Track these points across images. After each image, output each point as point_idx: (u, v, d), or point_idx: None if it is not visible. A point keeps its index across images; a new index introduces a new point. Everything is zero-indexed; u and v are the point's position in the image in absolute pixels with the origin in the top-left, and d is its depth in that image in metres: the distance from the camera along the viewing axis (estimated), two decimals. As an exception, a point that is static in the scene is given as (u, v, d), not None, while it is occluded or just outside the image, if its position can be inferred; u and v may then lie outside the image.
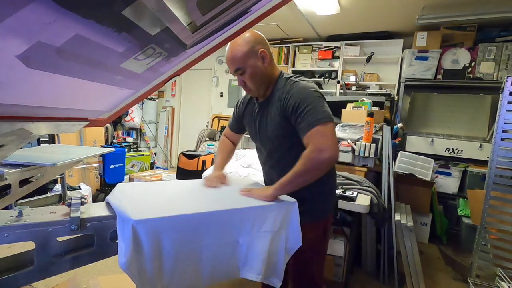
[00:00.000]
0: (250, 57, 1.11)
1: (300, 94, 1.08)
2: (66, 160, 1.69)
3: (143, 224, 0.79)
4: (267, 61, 1.15)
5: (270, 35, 4.52)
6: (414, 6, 3.09)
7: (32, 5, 0.39)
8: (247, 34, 1.11)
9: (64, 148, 2.31)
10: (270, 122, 1.19)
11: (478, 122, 3.35)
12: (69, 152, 1.98)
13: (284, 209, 1.07)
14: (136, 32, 0.62)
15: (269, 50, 1.17)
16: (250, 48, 1.11)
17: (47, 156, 1.73)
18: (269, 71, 1.17)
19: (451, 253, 2.93)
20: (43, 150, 2.14)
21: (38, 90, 0.68)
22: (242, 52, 1.10)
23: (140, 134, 5.65)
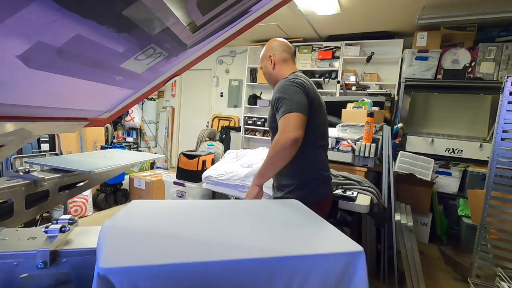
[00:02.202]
0: (264, 59, 1.47)
1: (278, 89, 1.29)
2: (104, 167, 1.41)
3: (114, 275, 0.53)
4: (272, 65, 1.44)
5: (270, 35, 4.52)
6: (414, 6, 3.09)
7: (33, 5, 0.39)
8: (269, 42, 1.47)
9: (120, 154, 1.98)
10: (268, 116, 1.41)
11: (478, 122, 3.34)
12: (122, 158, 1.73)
13: (343, 261, 0.68)
14: (136, 32, 0.62)
15: (281, 55, 1.43)
16: (265, 53, 1.47)
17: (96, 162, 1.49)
18: (275, 73, 1.44)
19: (451, 253, 2.93)
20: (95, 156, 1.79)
21: (38, 90, 0.68)
22: (261, 55, 1.50)
23: (140, 134, 5.65)
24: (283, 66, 1.44)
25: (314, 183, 1.34)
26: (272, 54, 1.44)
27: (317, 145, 1.36)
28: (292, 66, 1.45)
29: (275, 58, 1.43)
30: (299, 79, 1.31)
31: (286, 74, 1.39)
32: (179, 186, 2.39)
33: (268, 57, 1.45)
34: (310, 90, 1.30)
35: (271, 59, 1.44)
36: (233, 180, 2.04)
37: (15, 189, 1.02)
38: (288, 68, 1.43)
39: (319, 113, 1.35)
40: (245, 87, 5.02)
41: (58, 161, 1.44)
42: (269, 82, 1.51)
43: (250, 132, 5.09)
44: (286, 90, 1.26)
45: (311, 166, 1.34)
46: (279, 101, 1.25)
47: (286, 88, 1.27)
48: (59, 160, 1.48)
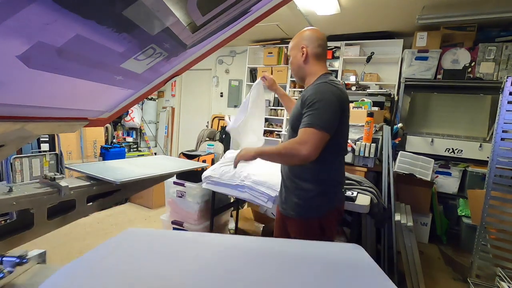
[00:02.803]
0: (295, 48, 1.34)
1: (317, 93, 1.19)
2: (130, 178, 1.20)
3: None
4: (304, 57, 1.30)
5: (270, 35, 4.52)
6: (414, 6, 3.09)
7: (33, 5, 0.39)
8: (303, 31, 1.33)
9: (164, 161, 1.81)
10: (295, 109, 1.32)
11: (478, 122, 3.34)
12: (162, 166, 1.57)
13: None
14: (136, 32, 0.62)
15: (315, 50, 1.30)
16: (297, 41, 1.33)
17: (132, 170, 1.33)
18: (305, 67, 1.33)
19: (451, 253, 2.93)
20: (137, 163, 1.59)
21: (38, 90, 0.68)
22: (292, 42, 1.36)
23: (140, 134, 5.65)
24: (315, 63, 1.32)
25: (334, 190, 1.33)
26: (305, 45, 1.30)
27: (341, 153, 1.34)
28: (324, 65, 1.34)
29: (308, 50, 1.30)
30: (338, 88, 1.23)
31: (318, 73, 1.30)
32: (179, 186, 2.40)
33: (300, 48, 1.31)
34: (345, 100, 1.24)
35: (303, 50, 1.30)
36: (233, 180, 2.04)
37: (36, 198, 0.94)
38: (320, 67, 1.32)
39: (347, 121, 1.31)
40: (245, 87, 5.02)
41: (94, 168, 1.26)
42: (295, 74, 1.40)
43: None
44: (324, 100, 1.17)
45: (334, 173, 1.32)
46: (312, 107, 1.17)
47: (326, 98, 1.18)
48: (96, 166, 1.32)
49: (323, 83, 1.22)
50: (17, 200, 0.88)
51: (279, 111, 4.81)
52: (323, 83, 1.23)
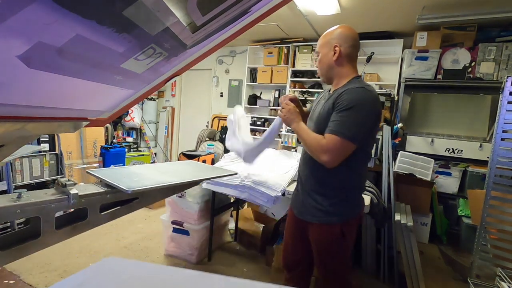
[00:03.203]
0: (325, 46, 1.26)
1: (356, 100, 1.13)
2: (143, 187, 1.09)
3: None
4: (336, 56, 1.23)
5: (270, 35, 4.52)
6: (414, 6, 3.09)
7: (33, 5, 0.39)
8: (337, 28, 1.25)
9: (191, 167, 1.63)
10: (322, 111, 1.26)
11: (478, 122, 3.35)
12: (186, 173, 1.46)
13: None
14: (137, 32, 0.62)
15: (348, 50, 1.23)
16: (329, 39, 1.25)
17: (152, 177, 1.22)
18: (335, 67, 1.25)
19: (451, 253, 2.93)
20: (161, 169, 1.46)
21: (38, 90, 0.68)
22: (322, 40, 1.28)
23: (140, 134, 5.65)
24: (347, 65, 1.25)
25: (357, 196, 1.32)
26: (338, 44, 1.21)
27: (367, 161, 1.31)
28: (355, 68, 1.27)
29: (342, 50, 1.22)
30: (378, 97, 1.19)
31: (349, 76, 1.24)
32: (179, 186, 2.39)
33: (332, 46, 1.22)
34: (381, 111, 1.22)
35: (335, 49, 1.21)
36: (233, 180, 2.04)
37: (42, 206, 0.87)
38: (352, 69, 1.26)
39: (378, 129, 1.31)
40: (245, 87, 5.02)
41: (112, 173, 1.16)
42: (323, 74, 1.31)
43: (250, 132, 5.09)
44: (362, 109, 1.12)
45: (358, 180, 1.30)
46: (345, 113, 1.12)
47: (366, 108, 1.13)
48: (114, 172, 1.22)
49: (362, 89, 1.16)
50: (22, 208, 0.83)
51: (279, 111, 4.80)
52: (362, 89, 1.16)
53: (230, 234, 2.98)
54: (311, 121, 1.35)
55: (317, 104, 1.36)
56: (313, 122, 1.31)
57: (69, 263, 2.24)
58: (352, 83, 1.22)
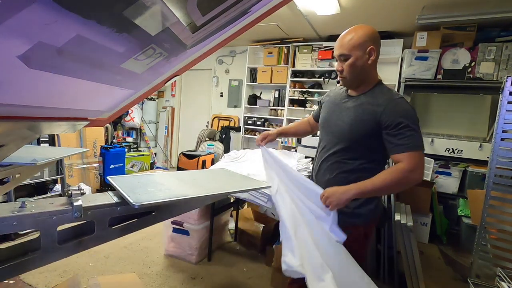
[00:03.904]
0: (358, 49, 1.15)
1: (409, 113, 1.12)
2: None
3: None
4: (371, 60, 1.17)
5: (270, 35, 4.52)
6: (414, 6, 3.09)
7: (33, 5, 0.39)
8: (366, 28, 1.17)
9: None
10: (354, 115, 1.21)
11: (478, 122, 3.35)
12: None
13: None
14: (137, 32, 0.62)
15: (378, 52, 1.19)
16: (362, 41, 1.15)
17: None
18: (368, 70, 1.20)
19: (451, 253, 2.93)
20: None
21: (38, 90, 0.68)
22: (353, 41, 1.15)
23: (140, 134, 5.65)
24: (375, 70, 1.23)
25: (378, 197, 1.33)
26: (373, 47, 1.16)
27: (386, 162, 1.31)
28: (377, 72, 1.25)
29: (376, 54, 1.18)
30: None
31: (375, 80, 1.23)
32: (179, 186, 2.39)
33: (367, 49, 1.16)
34: None
35: (371, 52, 1.16)
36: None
37: (42, 218, 0.79)
38: (377, 74, 1.24)
39: None
40: (245, 87, 5.02)
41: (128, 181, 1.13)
42: (351, 78, 1.21)
43: (250, 132, 5.10)
44: (414, 120, 1.12)
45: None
46: (406, 129, 1.10)
47: (414, 117, 1.13)
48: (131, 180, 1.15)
49: (401, 99, 1.16)
50: (20, 219, 0.76)
51: (279, 111, 4.81)
52: (401, 99, 1.16)
53: (230, 234, 2.98)
54: (333, 130, 1.29)
55: (336, 109, 1.30)
56: (337, 131, 1.26)
57: (69, 263, 2.24)
58: (383, 90, 1.21)
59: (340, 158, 1.26)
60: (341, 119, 1.26)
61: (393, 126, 1.11)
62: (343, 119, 1.25)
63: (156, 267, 2.36)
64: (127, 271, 2.27)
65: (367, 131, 1.18)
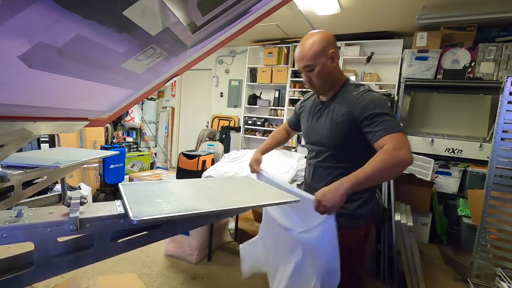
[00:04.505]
0: (321, 56, 1.17)
1: (377, 102, 1.13)
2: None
3: None
4: (335, 62, 1.19)
5: (270, 35, 4.52)
6: (414, 6, 3.09)
7: (34, 6, 0.39)
8: (320, 35, 1.18)
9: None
10: (331, 120, 1.22)
11: (478, 122, 3.35)
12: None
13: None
14: (137, 32, 0.62)
15: (338, 53, 1.21)
16: (322, 48, 1.16)
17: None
18: (335, 72, 1.22)
19: (451, 253, 2.93)
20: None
21: (39, 90, 0.68)
22: (314, 51, 1.16)
23: (140, 134, 5.65)
24: (339, 70, 1.26)
25: (375, 196, 1.33)
26: (333, 49, 1.18)
27: None
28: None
29: (337, 55, 1.20)
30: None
31: (343, 78, 1.26)
32: (179, 186, 2.40)
33: (329, 54, 1.17)
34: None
35: (333, 55, 1.18)
36: (233, 180, 2.04)
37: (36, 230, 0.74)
38: (342, 73, 1.27)
39: None
40: (245, 87, 5.02)
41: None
42: (322, 85, 1.23)
43: (250, 132, 5.10)
44: (385, 106, 1.13)
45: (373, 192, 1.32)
46: (381, 117, 1.09)
47: (383, 104, 1.13)
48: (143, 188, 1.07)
49: (368, 92, 1.17)
50: (9, 231, 0.70)
51: (279, 111, 4.81)
52: (367, 92, 1.17)
53: (230, 234, 2.98)
54: (318, 137, 1.29)
55: (314, 119, 1.32)
56: (322, 137, 1.26)
57: (69, 263, 2.24)
58: (351, 87, 1.22)
59: (331, 163, 1.26)
60: (320, 127, 1.26)
61: (366, 118, 1.12)
62: (322, 127, 1.26)
63: (156, 267, 2.36)
64: (127, 271, 2.27)
65: (347, 133, 1.18)
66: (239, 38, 1.08)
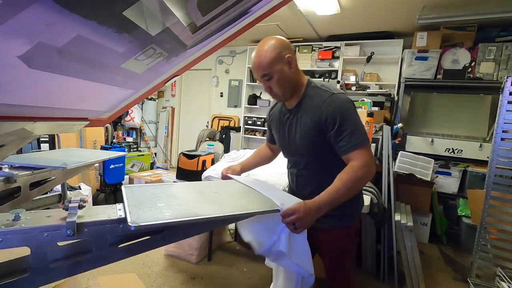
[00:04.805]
0: (277, 63, 1.11)
1: (340, 110, 1.10)
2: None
3: None
4: (293, 67, 1.15)
5: (270, 35, 4.51)
6: (414, 6, 3.09)
7: (34, 6, 0.39)
8: (273, 40, 1.13)
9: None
10: (300, 131, 1.19)
11: (478, 122, 3.35)
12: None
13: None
14: (137, 32, 0.62)
15: (295, 56, 1.17)
16: (277, 54, 1.10)
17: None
18: (295, 77, 1.17)
19: (451, 253, 2.93)
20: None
21: (39, 90, 0.68)
22: (269, 58, 1.10)
23: (140, 134, 5.65)
24: (300, 74, 1.21)
25: (360, 194, 1.35)
26: (289, 54, 1.13)
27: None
28: (301, 72, 1.23)
29: (294, 58, 1.15)
30: (346, 94, 1.18)
31: (304, 81, 1.21)
32: (179, 186, 2.39)
33: (285, 59, 1.12)
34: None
35: (289, 60, 1.13)
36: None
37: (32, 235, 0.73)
38: (302, 74, 1.23)
39: None
40: (245, 87, 5.02)
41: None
42: (284, 93, 1.18)
43: (250, 132, 5.10)
44: (350, 115, 1.10)
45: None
46: (348, 128, 1.08)
47: (352, 111, 1.12)
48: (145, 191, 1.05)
49: (332, 97, 1.13)
50: (6, 236, 0.68)
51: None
52: (331, 97, 1.12)
53: (230, 234, 2.98)
54: (293, 147, 1.26)
55: (284, 129, 1.28)
56: (296, 146, 1.24)
57: (69, 263, 2.24)
58: (313, 91, 1.18)
59: (312, 171, 1.24)
60: (292, 138, 1.24)
61: (332, 130, 1.10)
62: (293, 138, 1.23)
63: (156, 267, 2.36)
64: (127, 271, 2.27)
65: (319, 142, 1.16)
66: (239, 38, 1.08)
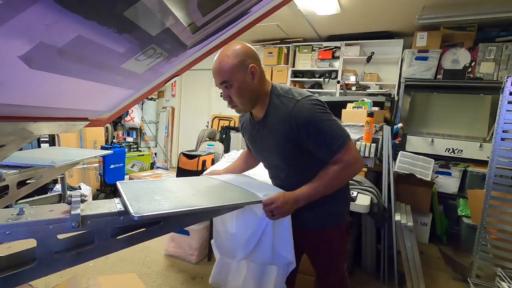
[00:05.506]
0: (239, 71, 1.03)
1: (310, 118, 1.03)
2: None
3: None
4: (256, 78, 1.06)
5: (270, 35, 4.52)
6: (414, 6, 3.09)
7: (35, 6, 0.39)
8: (237, 46, 1.03)
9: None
10: (275, 144, 1.14)
11: (478, 122, 3.35)
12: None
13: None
14: (137, 33, 0.62)
15: (261, 66, 1.09)
16: (240, 61, 1.02)
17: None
18: (258, 88, 1.09)
19: (451, 253, 2.93)
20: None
21: (39, 90, 0.68)
22: (231, 65, 1.01)
23: (140, 134, 5.65)
24: (264, 84, 1.12)
25: (348, 192, 1.34)
26: (253, 64, 1.04)
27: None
28: (267, 80, 1.15)
29: (259, 69, 1.06)
30: (316, 98, 1.08)
31: (268, 89, 1.13)
32: (179, 186, 2.40)
33: (249, 69, 1.04)
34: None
35: (252, 70, 1.04)
36: (233, 180, 2.04)
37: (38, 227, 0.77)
38: (267, 81, 1.14)
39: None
40: (245, 87, 5.01)
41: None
42: (245, 103, 1.10)
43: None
44: (325, 117, 1.05)
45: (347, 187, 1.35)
46: (324, 133, 1.04)
47: (323, 114, 1.05)
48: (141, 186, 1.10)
49: (297, 104, 1.05)
50: (12, 228, 0.72)
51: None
52: (297, 104, 1.05)
53: (230, 234, 2.98)
54: (268, 158, 1.24)
55: (257, 141, 1.24)
56: (272, 157, 1.20)
57: (69, 263, 2.24)
58: (278, 100, 1.10)
59: (294, 179, 1.18)
60: (266, 150, 1.20)
61: (307, 138, 1.06)
62: (268, 152, 1.20)
63: (156, 267, 2.36)
64: (127, 271, 2.27)
65: (295, 153, 1.12)
66: (239, 38, 1.08)
